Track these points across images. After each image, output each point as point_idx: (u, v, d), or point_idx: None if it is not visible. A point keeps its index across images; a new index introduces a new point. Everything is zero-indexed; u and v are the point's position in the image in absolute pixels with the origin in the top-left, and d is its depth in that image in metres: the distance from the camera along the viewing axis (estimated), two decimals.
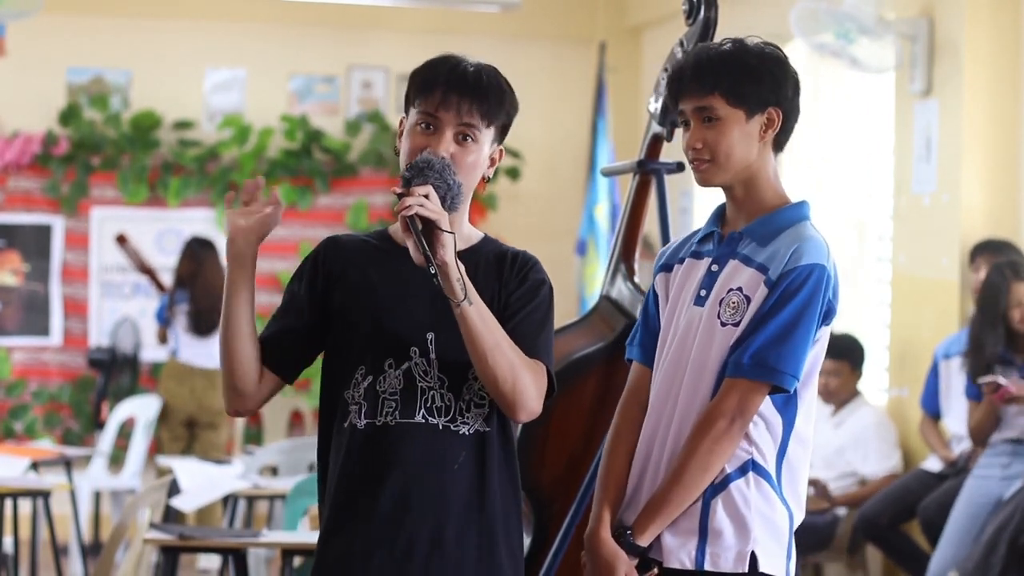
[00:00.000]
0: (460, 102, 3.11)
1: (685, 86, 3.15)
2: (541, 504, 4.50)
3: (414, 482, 3.06)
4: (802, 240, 3.09)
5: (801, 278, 3.06)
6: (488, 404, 3.10)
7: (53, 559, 7.28)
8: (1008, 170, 7.39)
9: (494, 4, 9.44)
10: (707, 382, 3.11)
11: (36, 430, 10.07)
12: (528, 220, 10.68)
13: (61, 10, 9.96)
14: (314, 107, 10.57)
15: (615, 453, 3.21)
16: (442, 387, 3.08)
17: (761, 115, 3.14)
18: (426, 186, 3.01)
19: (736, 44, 3.16)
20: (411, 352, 3.08)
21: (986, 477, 6.60)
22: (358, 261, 3.15)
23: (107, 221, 10.22)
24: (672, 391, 3.15)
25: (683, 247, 3.26)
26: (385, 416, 3.07)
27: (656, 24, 10.36)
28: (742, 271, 3.12)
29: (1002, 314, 6.57)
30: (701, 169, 3.15)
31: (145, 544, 5.51)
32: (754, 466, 3.09)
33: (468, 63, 3.16)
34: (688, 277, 3.20)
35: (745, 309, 3.09)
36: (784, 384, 3.06)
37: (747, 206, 3.17)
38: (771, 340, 3.04)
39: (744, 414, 3.06)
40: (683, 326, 3.15)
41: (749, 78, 3.12)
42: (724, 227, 3.20)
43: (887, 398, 8.02)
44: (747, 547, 3.07)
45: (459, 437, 3.08)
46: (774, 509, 3.11)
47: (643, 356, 3.25)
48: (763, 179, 3.17)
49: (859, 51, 7.47)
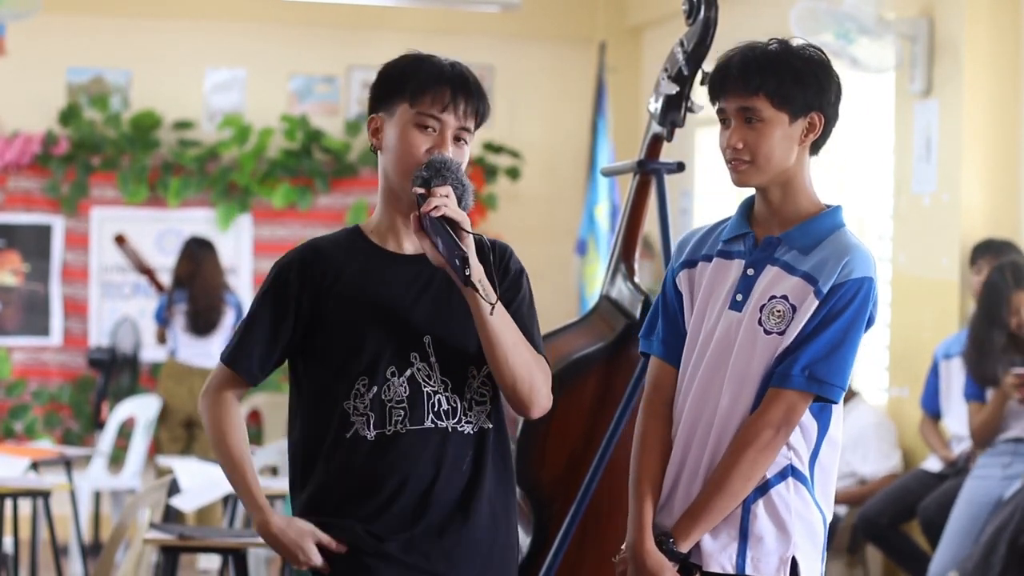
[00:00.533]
0: (464, 105, 3.08)
1: (729, 84, 3.10)
2: (541, 504, 4.49)
3: (429, 487, 3.05)
4: (851, 252, 3.07)
5: (852, 292, 3.05)
6: (489, 401, 3.11)
7: (53, 559, 7.27)
8: (1008, 170, 7.39)
9: (494, 4, 9.44)
10: (749, 390, 3.09)
11: (36, 430, 10.07)
12: (528, 220, 10.68)
13: (61, 10, 9.96)
14: (314, 107, 10.57)
15: (648, 454, 3.17)
16: (446, 390, 3.07)
17: (804, 119, 3.11)
18: (447, 186, 2.99)
19: (782, 45, 3.13)
20: (412, 358, 3.06)
21: (986, 477, 6.60)
22: (345, 267, 3.11)
23: (107, 221, 10.21)
24: (710, 396, 3.12)
25: (706, 242, 3.21)
26: (395, 425, 3.05)
27: (656, 24, 10.36)
28: (785, 279, 3.09)
29: (1003, 316, 6.57)
30: (740, 170, 3.11)
31: (145, 544, 5.51)
32: (793, 471, 3.10)
33: (458, 63, 3.13)
34: (718, 278, 3.16)
35: (791, 318, 3.06)
36: (834, 397, 3.07)
37: (783, 211, 3.14)
38: (822, 353, 3.04)
39: (789, 425, 3.06)
40: (720, 331, 3.12)
41: (795, 81, 3.09)
42: (756, 228, 3.16)
43: (887, 398, 8.02)
44: (788, 552, 3.08)
45: (464, 437, 3.09)
46: (811, 513, 3.11)
47: (666, 353, 3.21)
48: (800, 183, 3.14)
49: (859, 51, 7.47)
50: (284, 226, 10.35)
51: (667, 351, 3.21)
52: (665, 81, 4.45)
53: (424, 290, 3.09)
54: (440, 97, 3.06)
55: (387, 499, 3.04)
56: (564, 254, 10.44)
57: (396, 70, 3.12)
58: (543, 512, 4.49)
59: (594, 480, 4.34)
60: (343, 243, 3.15)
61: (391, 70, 3.13)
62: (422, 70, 3.09)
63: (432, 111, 3.07)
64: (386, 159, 3.11)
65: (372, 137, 3.14)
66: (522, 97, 10.67)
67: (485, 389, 3.10)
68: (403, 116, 3.08)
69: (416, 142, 3.07)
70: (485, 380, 3.10)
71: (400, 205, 3.10)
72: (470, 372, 3.09)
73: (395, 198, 3.12)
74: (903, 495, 7.22)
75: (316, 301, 3.09)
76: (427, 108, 3.07)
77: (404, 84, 3.08)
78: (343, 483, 3.06)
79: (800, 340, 3.05)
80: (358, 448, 3.05)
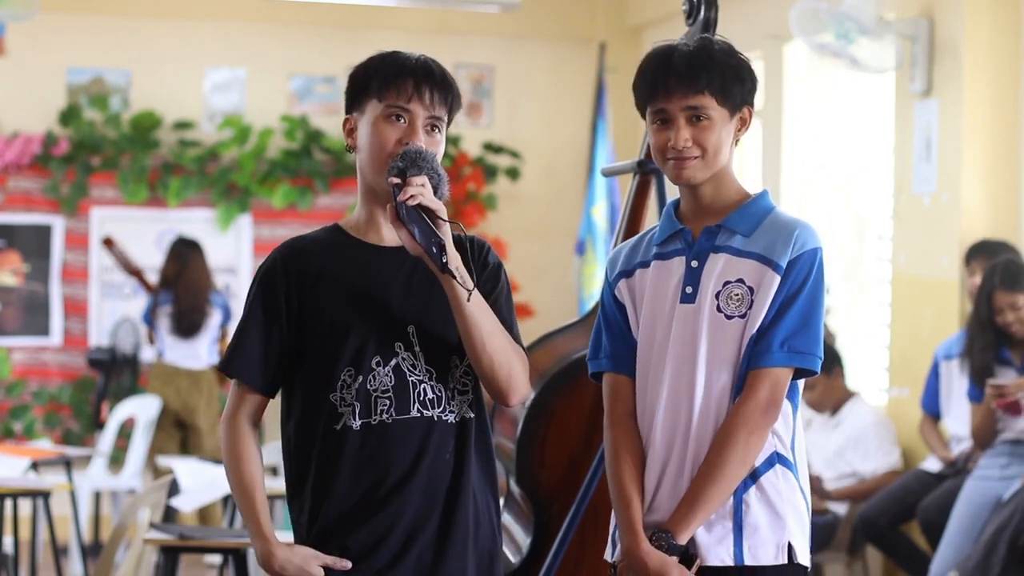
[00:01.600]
0: (431, 94, 3.12)
1: (673, 84, 3.15)
2: (541, 505, 4.49)
3: (415, 476, 3.08)
4: (798, 227, 3.14)
5: (808, 263, 3.12)
6: (471, 391, 3.15)
7: (53, 559, 7.27)
8: (1008, 170, 7.39)
9: (494, 4, 9.44)
10: (724, 376, 3.12)
11: (36, 430, 10.07)
12: (528, 220, 10.68)
13: (61, 10, 9.97)
14: (314, 107, 10.57)
15: (623, 462, 3.19)
16: (431, 379, 3.11)
17: (739, 114, 3.19)
18: (422, 176, 3.03)
19: (708, 42, 3.19)
20: (396, 347, 3.10)
21: (985, 478, 6.60)
22: (327, 262, 3.15)
23: (107, 221, 10.22)
24: (683, 391, 3.14)
25: (637, 251, 3.27)
26: (380, 414, 3.08)
27: (656, 24, 10.36)
28: (736, 263, 3.14)
29: (993, 317, 6.59)
30: (689, 165, 3.16)
31: (145, 544, 5.51)
32: (779, 458, 3.13)
33: (424, 56, 3.18)
34: (661, 278, 3.20)
35: (751, 300, 3.11)
36: (814, 366, 3.13)
37: (716, 203, 3.20)
38: (797, 326, 3.10)
39: (776, 402, 3.10)
40: (677, 325, 3.15)
41: (734, 78, 3.16)
42: (689, 224, 3.21)
43: (887, 398, 8.02)
44: (784, 538, 3.11)
45: (448, 426, 3.12)
46: (798, 498, 3.15)
47: (616, 366, 3.24)
48: (728, 175, 3.22)
49: (859, 51, 7.47)
50: (284, 226, 10.35)
51: (617, 363, 3.24)
52: None
53: (407, 281, 3.13)
54: (405, 88, 3.11)
55: (371, 487, 3.07)
56: (564, 254, 10.44)
57: (363, 70, 3.18)
58: (543, 512, 4.49)
59: (594, 480, 4.34)
60: (324, 240, 3.20)
61: (359, 71, 3.19)
62: (385, 64, 3.15)
63: (399, 102, 3.11)
64: (361, 156, 3.16)
65: (348, 137, 3.20)
66: (522, 97, 10.68)
67: (467, 379, 3.14)
68: (372, 111, 3.13)
69: (387, 134, 3.11)
70: (467, 370, 3.14)
71: (378, 199, 3.15)
72: (452, 362, 3.13)
73: (373, 193, 3.16)
74: (903, 495, 7.22)
75: (302, 297, 3.13)
76: (394, 100, 3.11)
77: (370, 80, 3.14)
78: (339, 473, 3.09)
79: (771, 318, 3.10)
80: (348, 437, 3.08)
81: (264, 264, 3.19)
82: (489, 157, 10.47)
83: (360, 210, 3.20)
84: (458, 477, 3.11)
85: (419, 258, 3.04)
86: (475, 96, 10.54)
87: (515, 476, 4.54)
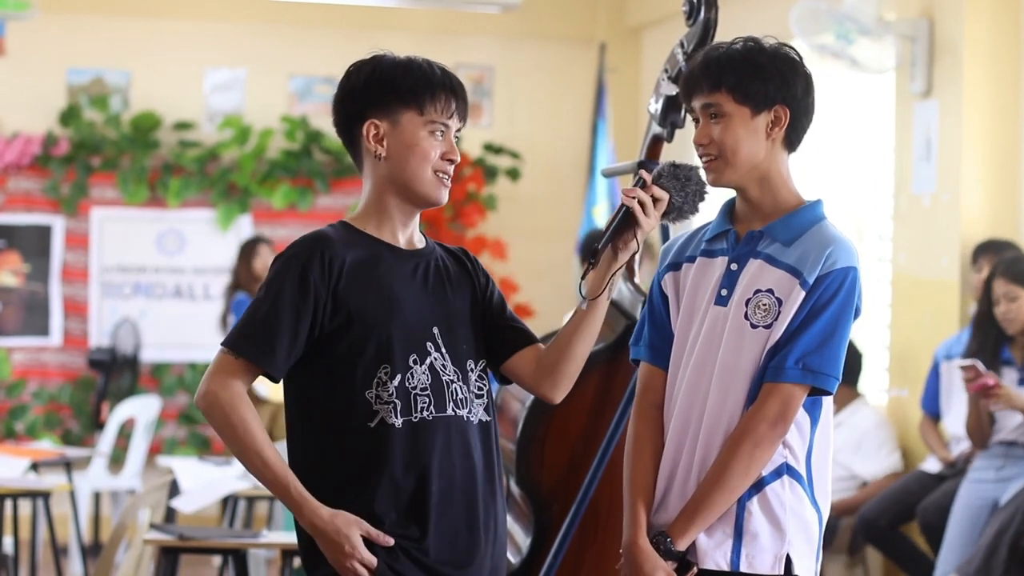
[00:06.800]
0: (463, 110, 3.19)
1: (693, 83, 3.18)
2: (541, 505, 4.49)
3: (454, 473, 3.10)
4: (834, 243, 3.11)
5: (838, 282, 3.09)
6: (486, 395, 3.19)
7: (53, 559, 7.27)
8: (1008, 170, 7.39)
9: (494, 4, 9.44)
10: (739, 385, 3.11)
11: (36, 430, 10.07)
12: (528, 220, 10.68)
13: (61, 10, 9.97)
14: (314, 107, 10.57)
15: (641, 457, 3.20)
16: (458, 379, 3.14)
17: (767, 113, 3.15)
18: (666, 194, 3.14)
19: (747, 43, 3.18)
20: (427, 347, 3.12)
21: (980, 480, 6.59)
22: (360, 258, 3.13)
23: (107, 221, 10.22)
24: (699, 393, 3.14)
25: (689, 245, 3.26)
26: (421, 412, 3.09)
27: (656, 24, 10.36)
28: (769, 271, 3.12)
29: (991, 310, 6.57)
30: (711, 167, 3.17)
31: (145, 544, 5.51)
32: (788, 469, 3.12)
33: (444, 67, 3.21)
34: (703, 276, 3.20)
35: (777, 311, 3.09)
36: (829, 387, 3.10)
37: (763, 206, 3.18)
38: (814, 344, 3.07)
39: (786, 419, 3.08)
40: (707, 327, 3.15)
41: (756, 76, 3.13)
42: (738, 226, 3.20)
43: (887, 398, 8.01)
44: (783, 549, 3.10)
45: (475, 426, 3.15)
46: (806, 510, 3.13)
47: (652, 356, 3.25)
48: (776, 178, 3.18)
49: (859, 51, 7.47)
50: (284, 226, 10.35)
51: (654, 355, 3.25)
52: (665, 82, 4.46)
53: (424, 283, 3.16)
54: (447, 105, 3.15)
55: (416, 486, 3.08)
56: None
57: (386, 75, 3.15)
58: (543, 513, 4.49)
59: (594, 480, 4.34)
60: (344, 236, 3.18)
61: (381, 75, 3.16)
62: (416, 76, 3.15)
63: (443, 118, 3.15)
64: (395, 164, 3.15)
65: (375, 143, 3.16)
66: (522, 97, 10.68)
67: (482, 383, 3.18)
68: (412, 124, 3.14)
69: (432, 148, 3.14)
70: (481, 374, 3.18)
71: (407, 202, 3.17)
72: (468, 366, 3.15)
73: (402, 196, 3.16)
74: (903, 496, 7.22)
75: (336, 291, 3.10)
76: (437, 116, 3.15)
77: (408, 92, 3.14)
78: (376, 471, 3.07)
79: (791, 333, 3.08)
80: (389, 435, 3.07)
81: (294, 252, 3.14)
82: (489, 158, 10.47)
83: (373, 210, 3.19)
84: (489, 476, 3.15)
85: (431, 264, 3.13)
86: (475, 96, 10.53)
87: (515, 477, 4.54)
